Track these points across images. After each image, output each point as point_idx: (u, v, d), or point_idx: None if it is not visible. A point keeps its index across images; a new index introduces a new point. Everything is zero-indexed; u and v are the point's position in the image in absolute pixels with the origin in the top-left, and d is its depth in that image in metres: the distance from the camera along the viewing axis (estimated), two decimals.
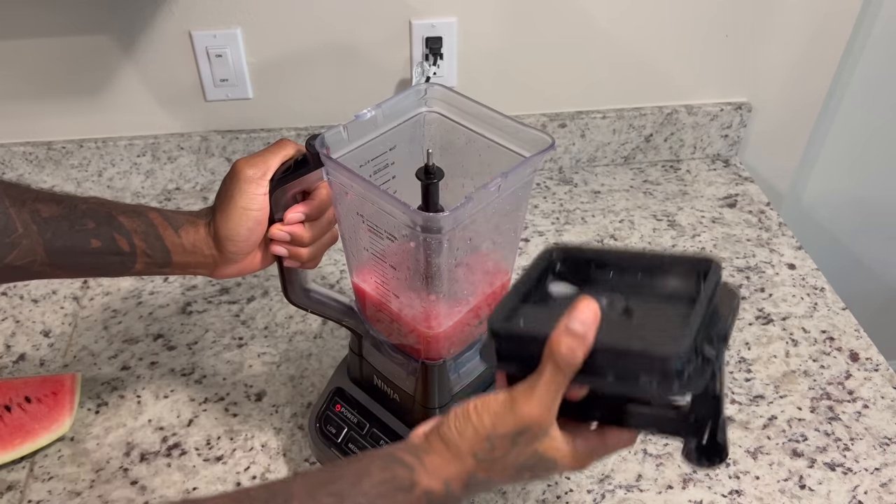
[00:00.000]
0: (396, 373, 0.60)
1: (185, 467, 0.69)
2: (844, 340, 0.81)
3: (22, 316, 0.84)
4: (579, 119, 1.02)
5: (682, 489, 0.67)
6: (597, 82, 1.01)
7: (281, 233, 0.55)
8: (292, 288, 0.61)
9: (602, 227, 0.96)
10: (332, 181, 0.53)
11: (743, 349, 0.80)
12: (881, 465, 0.69)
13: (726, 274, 0.89)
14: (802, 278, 0.89)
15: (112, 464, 0.69)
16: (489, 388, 0.63)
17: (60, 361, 0.79)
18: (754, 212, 0.99)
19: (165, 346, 0.80)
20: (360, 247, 0.57)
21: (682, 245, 0.94)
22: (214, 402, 0.75)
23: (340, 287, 0.88)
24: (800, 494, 0.66)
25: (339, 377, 0.66)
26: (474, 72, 0.97)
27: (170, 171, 1.00)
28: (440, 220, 0.47)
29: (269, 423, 0.72)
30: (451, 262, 0.51)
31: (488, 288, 0.58)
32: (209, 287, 0.87)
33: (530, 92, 1.01)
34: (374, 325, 0.61)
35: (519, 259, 0.91)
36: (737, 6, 0.95)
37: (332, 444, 0.64)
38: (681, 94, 1.04)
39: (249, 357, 0.79)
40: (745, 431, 0.72)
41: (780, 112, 1.06)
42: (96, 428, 0.72)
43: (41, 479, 0.68)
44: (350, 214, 0.55)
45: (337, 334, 0.81)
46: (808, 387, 0.76)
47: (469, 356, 0.61)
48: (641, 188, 1.04)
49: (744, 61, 1.01)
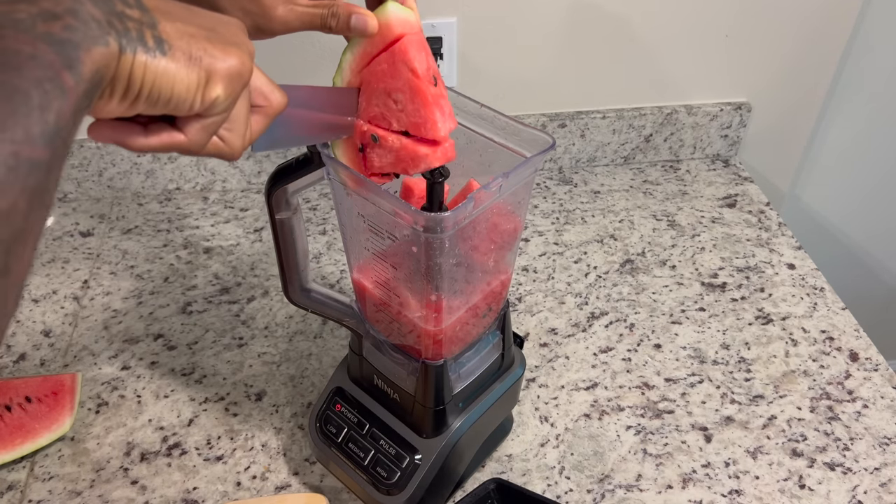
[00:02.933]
0: (397, 372, 0.60)
1: (186, 467, 0.69)
2: (844, 340, 0.81)
3: (22, 316, 0.84)
4: (579, 119, 1.02)
5: (681, 489, 0.67)
6: (597, 82, 1.01)
7: None
8: (292, 288, 0.61)
9: (602, 227, 0.96)
10: (332, 181, 0.53)
11: (743, 349, 0.80)
12: (881, 465, 0.69)
13: (726, 273, 0.89)
14: (802, 278, 0.89)
15: (112, 463, 0.69)
16: (489, 388, 0.63)
17: (60, 361, 0.79)
18: (754, 212, 1.00)
19: (166, 345, 0.80)
20: (360, 246, 0.57)
21: (682, 245, 0.94)
22: (214, 401, 0.75)
23: (340, 287, 0.88)
24: (799, 494, 0.66)
25: (340, 377, 0.66)
26: (474, 72, 0.97)
27: (170, 171, 1.00)
28: (441, 220, 0.47)
29: (270, 423, 0.72)
30: (451, 262, 0.51)
31: (488, 288, 0.58)
32: (209, 287, 0.87)
33: (530, 92, 1.01)
34: (375, 324, 0.61)
35: (519, 259, 0.91)
36: (737, 6, 0.95)
37: (332, 444, 0.64)
38: (681, 94, 1.04)
39: (249, 357, 0.79)
40: (745, 431, 0.72)
41: (780, 112, 1.06)
42: (96, 428, 0.72)
43: (41, 479, 0.68)
44: (351, 214, 0.55)
45: (337, 334, 0.82)
46: (807, 387, 0.76)
47: (469, 356, 0.61)
48: (641, 188, 1.04)
49: (744, 61, 1.01)
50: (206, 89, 0.35)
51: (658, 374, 0.77)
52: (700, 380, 0.77)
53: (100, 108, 0.33)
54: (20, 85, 0.26)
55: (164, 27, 0.33)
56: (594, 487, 0.67)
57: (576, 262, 0.91)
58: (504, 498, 0.62)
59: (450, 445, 0.60)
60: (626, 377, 0.77)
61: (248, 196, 1.02)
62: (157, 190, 1.02)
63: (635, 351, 0.80)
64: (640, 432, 0.72)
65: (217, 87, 0.35)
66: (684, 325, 0.83)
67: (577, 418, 0.73)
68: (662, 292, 0.87)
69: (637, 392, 0.75)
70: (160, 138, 0.37)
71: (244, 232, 0.96)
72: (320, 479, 0.68)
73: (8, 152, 0.25)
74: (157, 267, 0.90)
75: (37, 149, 0.26)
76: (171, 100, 0.34)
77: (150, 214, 0.98)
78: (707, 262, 0.91)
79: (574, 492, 0.67)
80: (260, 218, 0.98)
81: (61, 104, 0.27)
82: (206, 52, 0.35)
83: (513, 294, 0.87)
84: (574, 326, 0.83)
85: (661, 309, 0.85)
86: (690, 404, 0.74)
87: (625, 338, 0.81)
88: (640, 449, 0.70)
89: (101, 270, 0.90)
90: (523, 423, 0.72)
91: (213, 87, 0.35)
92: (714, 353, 0.80)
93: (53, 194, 0.28)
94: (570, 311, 0.85)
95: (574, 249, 0.93)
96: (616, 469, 0.68)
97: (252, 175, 1.02)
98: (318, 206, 1.00)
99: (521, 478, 0.68)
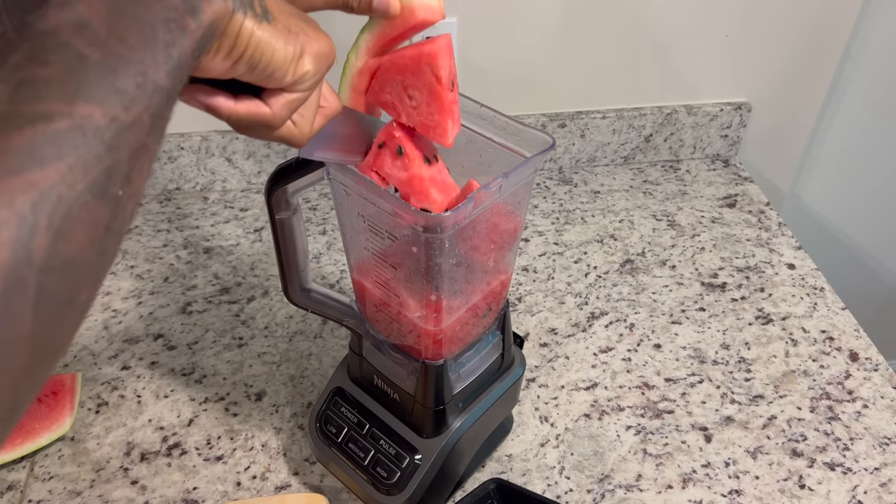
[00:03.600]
0: (397, 372, 0.60)
1: (186, 467, 0.69)
2: (844, 340, 0.81)
3: None
4: (579, 119, 1.02)
5: (681, 489, 0.67)
6: (597, 82, 1.01)
7: None
8: (292, 288, 0.61)
9: (602, 227, 0.96)
10: (333, 181, 0.53)
11: (742, 349, 0.80)
12: (881, 465, 0.69)
13: (726, 273, 0.89)
14: (802, 278, 0.89)
15: (112, 463, 0.69)
16: (489, 388, 0.63)
17: (60, 361, 0.79)
18: (754, 212, 1.00)
19: (165, 345, 0.80)
20: (360, 247, 0.57)
21: (682, 245, 0.94)
22: (214, 401, 0.75)
23: (340, 287, 0.88)
24: (799, 494, 0.66)
25: (340, 377, 0.66)
26: (474, 71, 0.97)
27: (170, 171, 1.00)
28: (441, 220, 0.47)
29: (270, 423, 0.72)
30: (451, 262, 0.51)
31: (488, 288, 0.58)
32: (209, 287, 0.87)
33: (530, 92, 1.01)
34: (375, 324, 0.61)
35: (519, 259, 0.91)
36: (737, 6, 0.95)
37: (332, 444, 0.64)
38: (681, 94, 1.04)
39: (249, 357, 0.79)
40: (745, 431, 0.72)
41: (780, 112, 1.06)
42: (96, 428, 0.72)
43: (41, 479, 0.68)
44: (351, 214, 0.55)
45: (337, 334, 0.82)
46: (807, 387, 0.76)
47: (469, 356, 0.61)
48: (641, 188, 1.04)
49: (744, 61, 1.01)
50: (300, 63, 0.37)
51: (658, 374, 0.77)
52: (700, 380, 0.77)
53: (204, 65, 0.34)
54: (149, 20, 0.29)
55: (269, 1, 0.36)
56: (594, 487, 0.67)
57: (576, 262, 0.91)
58: (504, 498, 0.62)
59: (450, 445, 0.60)
60: (626, 377, 0.77)
61: (248, 196, 1.02)
62: (157, 190, 1.02)
63: (635, 351, 0.80)
64: (640, 432, 0.72)
65: (308, 63, 0.38)
66: (684, 325, 0.83)
67: (577, 418, 0.73)
68: (662, 292, 0.87)
69: (637, 392, 0.75)
70: (248, 107, 0.39)
71: (244, 232, 0.96)
72: (320, 479, 0.68)
73: (137, 72, 0.28)
74: (157, 267, 0.90)
75: (161, 75, 0.29)
76: (268, 66, 0.36)
77: (150, 214, 0.98)
78: (707, 262, 0.91)
79: (574, 492, 0.67)
80: (260, 218, 0.98)
81: (183, 42, 0.30)
82: (302, 29, 0.38)
83: (513, 294, 0.87)
84: (574, 326, 0.83)
85: (661, 309, 0.85)
86: (690, 404, 0.74)
87: (625, 338, 0.81)
88: (640, 449, 0.70)
89: None
90: (523, 423, 0.72)
91: (304, 63, 0.38)
92: (714, 353, 0.80)
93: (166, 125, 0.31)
94: (570, 311, 0.85)
95: (574, 249, 0.93)
96: (616, 469, 0.68)
97: (252, 175, 1.02)
98: (318, 206, 1.00)
99: (521, 478, 0.68)
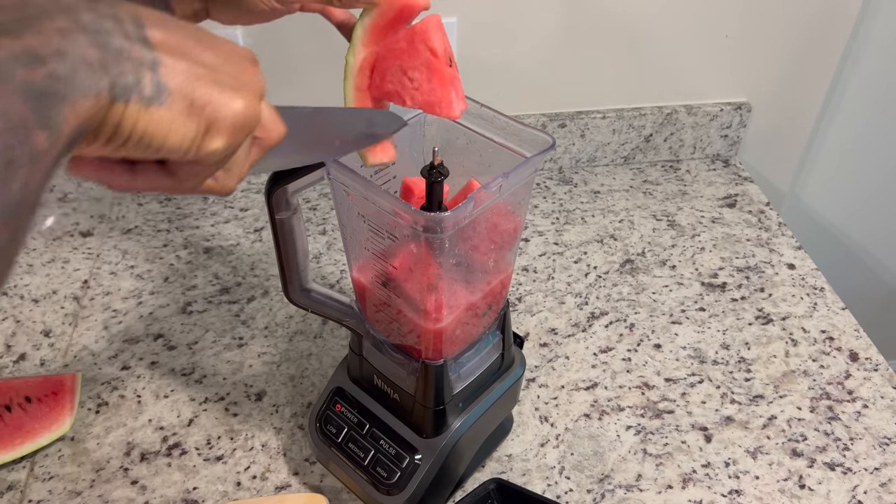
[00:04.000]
0: (397, 372, 0.60)
1: (186, 467, 0.69)
2: (844, 340, 0.81)
3: (22, 316, 0.84)
4: (579, 119, 1.02)
5: (681, 489, 0.67)
6: (597, 82, 1.01)
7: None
8: (292, 288, 0.61)
9: (602, 227, 0.96)
10: (332, 181, 0.53)
11: (742, 349, 0.80)
12: (881, 465, 0.69)
13: (726, 273, 0.89)
14: (802, 278, 0.89)
15: (112, 463, 0.69)
16: (489, 388, 0.63)
17: (60, 361, 0.79)
18: (754, 212, 1.00)
19: (165, 345, 0.80)
20: (360, 246, 0.57)
21: (682, 245, 0.94)
22: (214, 401, 0.75)
23: (340, 287, 0.88)
24: (799, 494, 0.66)
25: (340, 377, 0.66)
26: (474, 72, 0.97)
27: None
28: (441, 219, 0.47)
29: (270, 423, 0.72)
30: (451, 262, 0.51)
31: (488, 287, 0.58)
32: (209, 287, 0.87)
33: (530, 92, 1.01)
34: (375, 324, 0.61)
35: (519, 259, 0.91)
36: (737, 6, 0.95)
37: (332, 444, 0.64)
38: (681, 95, 1.04)
39: (249, 357, 0.79)
40: (745, 431, 0.72)
41: (780, 112, 1.06)
42: (96, 428, 0.72)
43: (41, 479, 0.68)
44: (351, 214, 0.55)
45: (337, 334, 0.82)
46: (807, 387, 0.76)
47: (469, 356, 0.61)
48: (641, 188, 1.04)
49: (744, 61, 1.01)
50: (205, 140, 0.32)
51: (658, 374, 0.77)
52: (700, 380, 0.77)
53: (81, 150, 0.30)
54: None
55: (167, 69, 0.31)
56: (594, 487, 0.67)
57: (576, 262, 0.91)
58: (504, 498, 0.62)
59: (450, 445, 0.60)
60: (626, 377, 0.77)
61: (248, 196, 1.02)
62: None
63: (635, 351, 0.80)
64: (640, 432, 0.72)
65: (217, 139, 0.33)
66: (684, 325, 0.83)
67: (577, 418, 0.73)
68: (662, 292, 0.87)
69: (637, 392, 0.75)
70: (147, 181, 0.34)
71: (244, 232, 0.96)
72: (320, 479, 0.68)
73: None
74: (157, 267, 0.90)
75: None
76: (161, 149, 0.31)
77: (150, 214, 0.98)
78: (707, 262, 0.91)
79: (574, 492, 0.67)
80: (260, 218, 0.98)
81: (28, 172, 0.24)
82: (211, 98, 0.32)
83: (513, 294, 0.87)
84: (574, 326, 0.83)
85: (661, 309, 0.85)
86: (690, 404, 0.74)
87: (625, 338, 0.81)
88: (640, 449, 0.70)
89: (101, 270, 0.90)
90: (523, 423, 0.72)
91: (213, 138, 0.32)
92: (714, 353, 0.80)
93: (22, 246, 0.26)
94: (570, 311, 0.85)
95: (574, 249, 0.93)
96: (616, 469, 0.68)
97: (252, 175, 1.02)
98: (318, 206, 1.00)
99: (521, 478, 0.68)
